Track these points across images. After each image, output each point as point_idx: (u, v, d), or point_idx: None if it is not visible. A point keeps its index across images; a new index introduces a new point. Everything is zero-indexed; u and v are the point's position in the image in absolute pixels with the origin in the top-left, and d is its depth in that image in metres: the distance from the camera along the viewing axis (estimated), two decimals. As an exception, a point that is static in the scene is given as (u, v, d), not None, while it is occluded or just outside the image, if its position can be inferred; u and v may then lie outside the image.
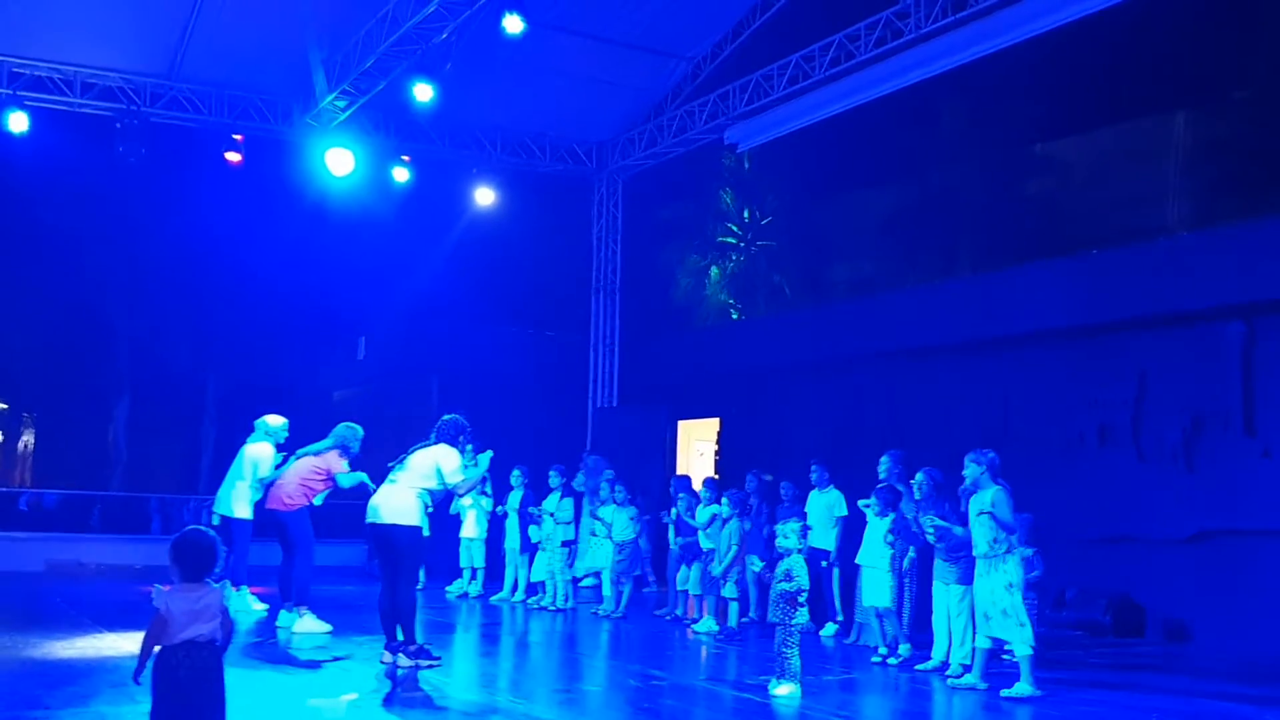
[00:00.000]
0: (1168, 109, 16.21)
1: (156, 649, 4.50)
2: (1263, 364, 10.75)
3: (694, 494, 11.60)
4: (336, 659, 7.96)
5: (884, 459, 9.92)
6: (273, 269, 17.23)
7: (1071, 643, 10.53)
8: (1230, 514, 10.79)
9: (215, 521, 11.99)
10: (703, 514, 11.04)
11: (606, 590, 12.07)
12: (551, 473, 12.73)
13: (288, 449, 10.77)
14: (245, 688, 6.54)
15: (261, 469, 10.89)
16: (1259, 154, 14.46)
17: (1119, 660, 9.89)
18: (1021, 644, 7.67)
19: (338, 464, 9.93)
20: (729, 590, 10.70)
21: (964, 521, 8.28)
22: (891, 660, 9.00)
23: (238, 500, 11.08)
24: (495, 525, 13.46)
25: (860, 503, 9.63)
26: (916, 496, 8.77)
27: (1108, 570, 11.57)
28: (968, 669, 8.15)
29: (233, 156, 15.86)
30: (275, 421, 11.11)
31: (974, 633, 8.18)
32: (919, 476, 8.87)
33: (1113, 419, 11.98)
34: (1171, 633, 11.03)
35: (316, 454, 10.05)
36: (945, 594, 8.61)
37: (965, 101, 17.36)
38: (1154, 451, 11.57)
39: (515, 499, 13.13)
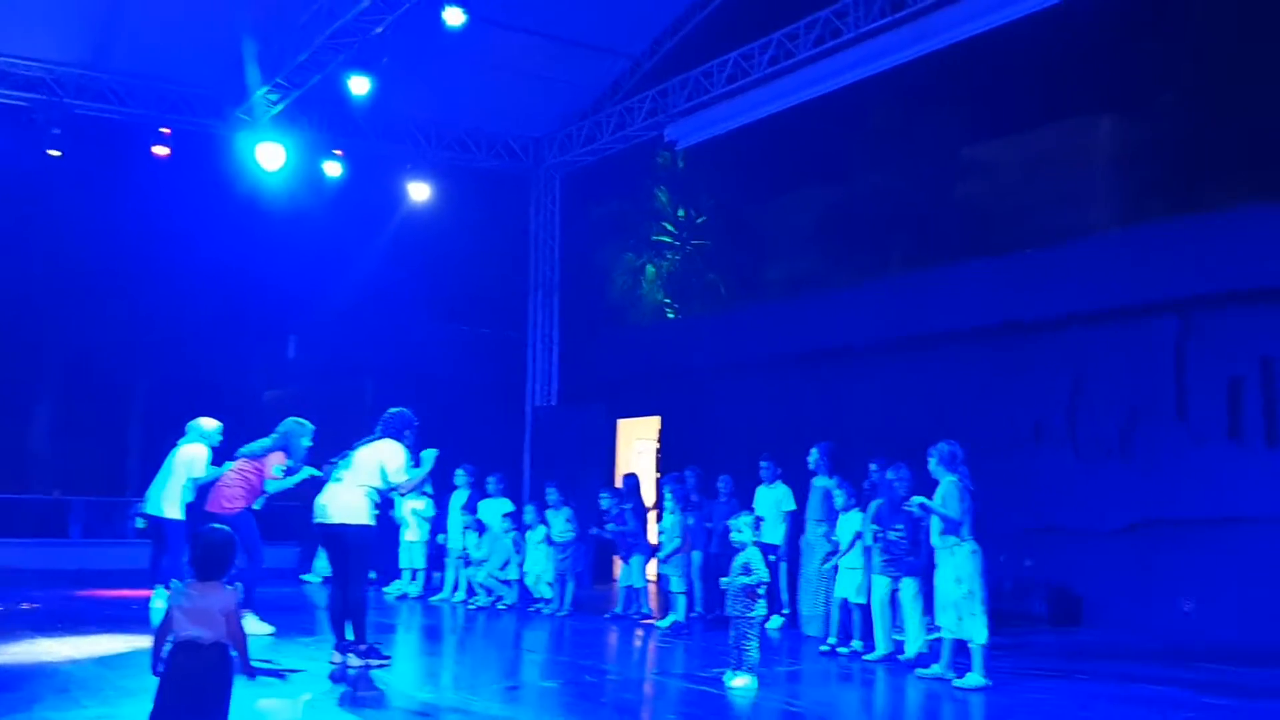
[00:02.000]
0: (1094, 112, 16.59)
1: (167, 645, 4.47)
2: (1195, 357, 11.01)
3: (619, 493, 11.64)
4: (285, 671, 7.74)
5: (813, 451, 10.10)
6: (202, 266, 16.83)
7: (1013, 633, 10.68)
8: (1165, 504, 11.05)
9: (141, 525, 11.72)
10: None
11: (547, 592, 11.96)
12: (490, 479, 12.77)
13: (223, 451, 10.54)
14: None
15: (195, 470, 10.66)
16: (1183, 155, 14.86)
17: (1059, 649, 10.05)
18: (972, 636, 7.75)
19: (272, 466, 9.65)
20: (676, 585, 10.70)
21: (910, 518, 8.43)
22: (842, 650, 9.08)
23: (169, 501, 10.83)
24: (436, 525, 13.32)
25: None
26: (901, 493, 8.79)
27: (1045, 561, 11.77)
28: (925, 659, 8.23)
29: (160, 150, 15.51)
30: (209, 424, 10.89)
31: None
32: (894, 473, 8.92)
33: (1049, 415, 12.18)
34: (1108, 621, 11.25)
35: (257, 454, 9.80)
36: (898, 586, 8.70)
37: (898, 104, 17.59)
38: (1090, 445, 11.80)
39: (460, 499, 13.01)
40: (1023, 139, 17.55)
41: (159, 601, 10.76)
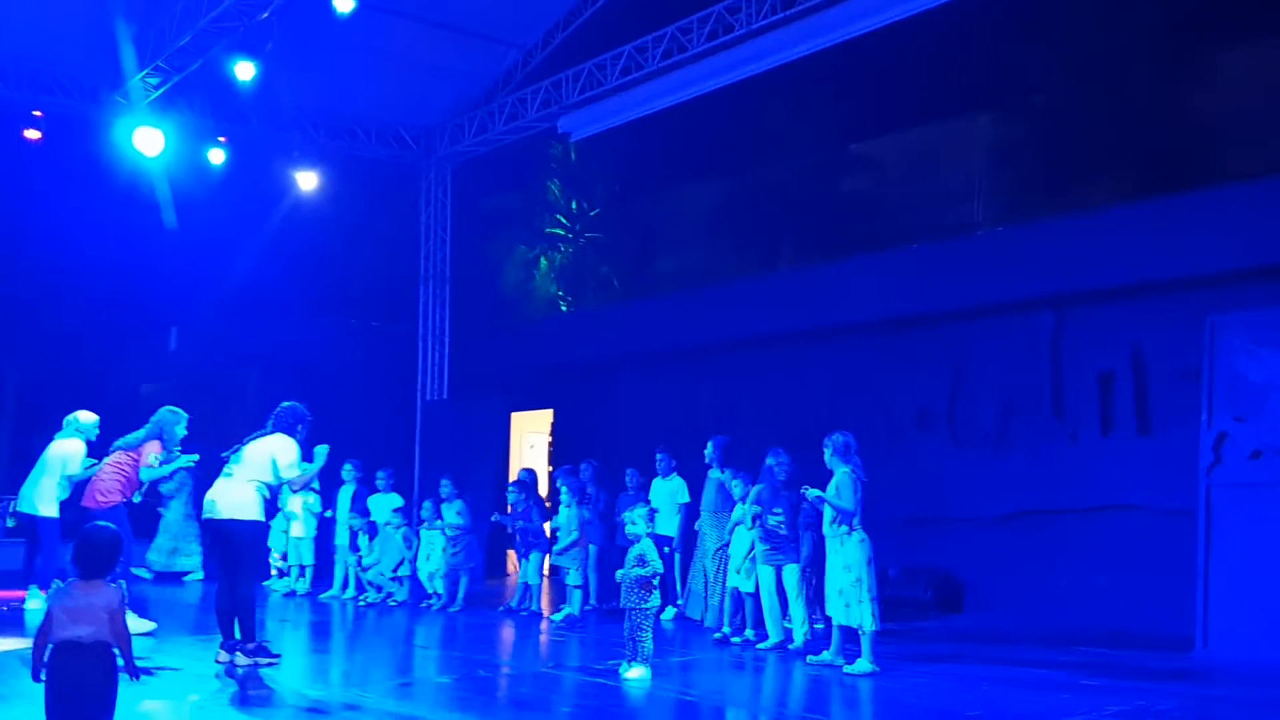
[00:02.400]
0: (974, 111, 17.04)
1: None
2: (1070, 352, 11.43)
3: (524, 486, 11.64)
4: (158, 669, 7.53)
5: (709, 444, 10.21)
6: (76, 254, 16.19)
7: (897, 619, 10.95)
8: (1040, 494, 11.45)
9: (10, 524, 11.33)
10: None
11: (439, 587, 11.86)
12: (380, 474, 12.67)
13: (100, 446, 10.23)
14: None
15: (71, 466, 10.37)
16: (1056, 154, 15.37)
17: (942, 634, 10.36)
18: (861, 623, 7.93)
19: (148, 455, 9.38)
20: (573, 578, 10.72)
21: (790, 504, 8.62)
22: (735, 639, 9.21)
23: (44, 499, 10.53)
24: (324, 522, 13.12)
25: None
26: (780, 477, 8.95)
27: (929, 549, 12.09)
28: (816, 646, 8.39)
29: (32, 134, 14.93)
30: (87, 418, 10.58)
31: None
32: (782, 459, 9.06)
33: (931, 405, 12.52)
34: (989, 607, 11.62)
35: (132, 445, 9.52)
36: (780, 574, 8.87)
37: (788, 99, 17.81)
38: (969, 436, 12.17)
39: (346, 495, 12.82)
40: (906, 136, 17.94)
41: (34, 603, 10.41)
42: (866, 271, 13.46)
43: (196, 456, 9.36)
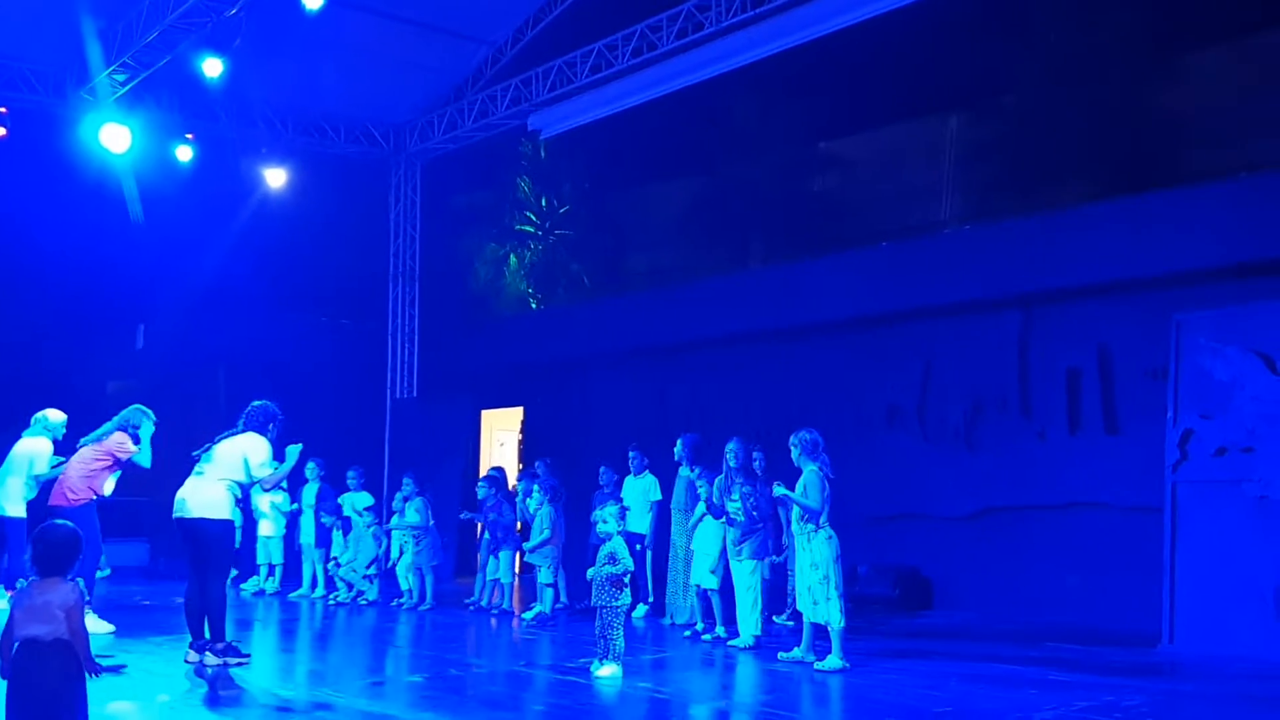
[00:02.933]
0: (943, 110, 17.14)
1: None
2: (1037, 351, 11.52)
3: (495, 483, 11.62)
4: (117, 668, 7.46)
5: (679, 442, 10.24)
6: (41, 251, 16.02)
7: (866, 616, 11.03)
8: (1008, 491, 11.54)
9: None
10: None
11: (406, 584, 11.83)
12: (350, 472, 12.63)
13: (65, 444, 10.14)
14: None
15: (38, 466, 10.26)
16: (1025, 154, 15.49)
17: (911, 631, 10.44)
18: (829, 620, 7.97)
19: (123, 445, 9.33)
20: (544, 576, 10.72)
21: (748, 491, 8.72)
22: (706, 637, 9.24)
23: (10, 498, 10.40)
24: (292, 521, 13.05)
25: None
26: (731, 464, 8.98)
27: (897, 546, 12.18)
28: (788, 642, 8.43)
29: (-3, 130, 14.73)
30: (56, 417, 10.47)
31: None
32: (731, 445, 9.08)
33: (900, 403, 12.59)
34: (956, 604, 11.72)
35: (98, 440, 9.45)
36: (738, 569, 8.90)
37: (757, 98, 17.86)
38: (938, 433, 12.25)
39: (311, 493, 12.77)
40: (877, 135, 18.02)
41: (1, 603, 10.32)
42: (836, 270, 13.52)
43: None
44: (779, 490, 8.16)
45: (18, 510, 10.38)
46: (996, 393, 11.79)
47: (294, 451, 8.10)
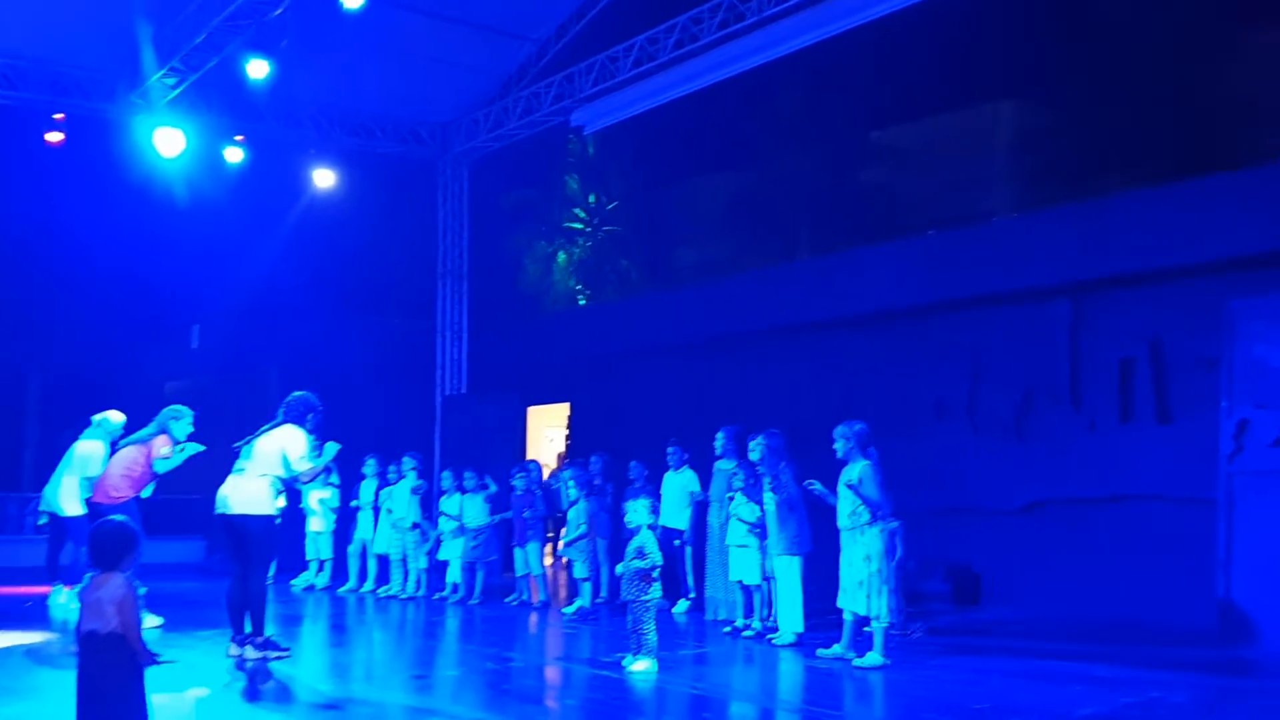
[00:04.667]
0: (995, 98, 16.89)
1: None
2: (1088, 341, 11.29)
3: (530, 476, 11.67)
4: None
5: (719, 435, 10.14)
6: (99, 255, 16.36)
7: (914, 611, 10.87)
8: (1058, 484, 11.32)
9: (43, 521, 11.45)
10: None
11: (455, 577, 11.89)
12: (406, 458, 12.61)
13: (117, 443, 10.32)
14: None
15: (91, 467, 10.40)
16: (1076, 141, 15.23)
17: (958, 626, 10.27)
18: (879, 614, 7.86)
19: (160, 449, 9.46)
20: (580, 570, 10.72)
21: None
22: (746, 633, 9.16)
23: (67, 497, 10.62)
24: (342, 517, 13.18)
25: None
26: (754, 456, 8.90)
27: (946, 540, 11.98)
28: (827, 639, 8.33)
29: (54, 136, 15.04)
30: (116, 418, 10.62)
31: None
32: (758, 439, 9.00)
33: (949, 395, 12.40)
34: (1006, 598, 11.52)
35: (140, 442, 9.59)
36: (778, 564, 8.81)
37: (804, 88, 17.74)
38: (987, 426, 12.04)
39: (368, 490, 12.87)
40: (926, 124, 17.82)
41: (61, 598, 10.57)
42: (884, 260, 13.34)
43: (203, 447, 9.41)
44: (816, 487, 8.07)
45: (75, 509, 10.56)
46: (1046, 383, 11.57)
47: (332, 449, 8.16)
